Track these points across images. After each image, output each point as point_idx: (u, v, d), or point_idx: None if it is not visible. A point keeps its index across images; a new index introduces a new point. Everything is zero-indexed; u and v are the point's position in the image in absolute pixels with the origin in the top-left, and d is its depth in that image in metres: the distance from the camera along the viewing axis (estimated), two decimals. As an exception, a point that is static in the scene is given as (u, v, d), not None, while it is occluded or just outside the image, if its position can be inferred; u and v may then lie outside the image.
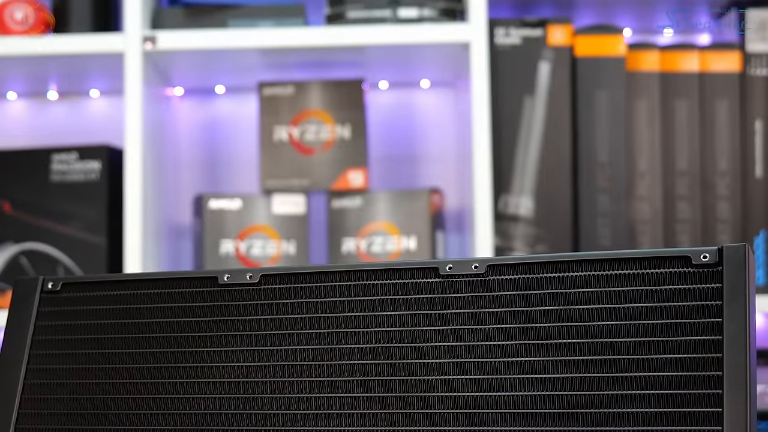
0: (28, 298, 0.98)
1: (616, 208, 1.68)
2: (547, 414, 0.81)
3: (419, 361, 0.86)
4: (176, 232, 1.91)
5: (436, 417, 0.84)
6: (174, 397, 0.91)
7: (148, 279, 0.96)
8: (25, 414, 0.94)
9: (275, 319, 0.90)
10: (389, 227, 1.76)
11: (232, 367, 0.90)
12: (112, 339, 0.95)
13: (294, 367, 0.89)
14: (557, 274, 0.84)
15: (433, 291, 0.87)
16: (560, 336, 0.83)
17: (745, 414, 0.77)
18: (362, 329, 0.88)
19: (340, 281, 0.90)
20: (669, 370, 0.79)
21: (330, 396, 0.87)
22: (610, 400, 0.80)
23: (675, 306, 0.81)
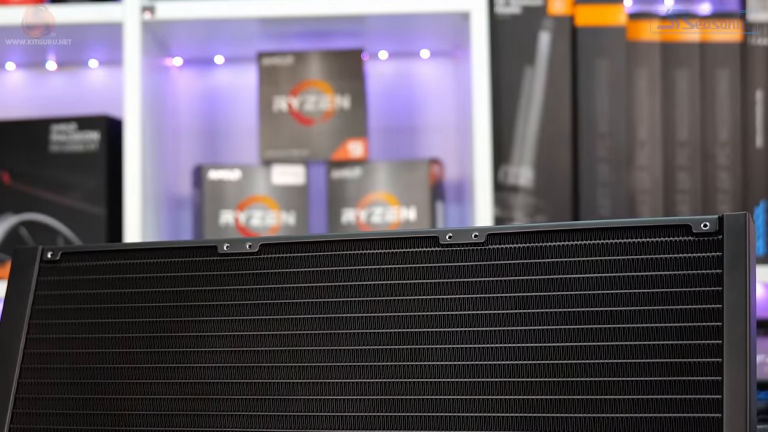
0: (27, 268, 0.98)
1: (616, 178, 1.67)
2: (546, 382, 0.81)
3: (418, 330, 0.86)
4: (176, 203, 1.91)
5: (435, 386, 0.84)
6: (173, 366, 0.91)
7: (148, 248, 0.96)
8: (24, 383, 0.94)
9: (274, 288, 0.90)
10: (389, 198, 1.76)
11: (231, 336, 0.90)
12: (112, 308, 0.94)
13: (293, 336, 0.89)
14: (557, 243, 0.84)
15: (432, 260, 0.87)
16: (560, 305, 0.83)
17: (745, 383, 0.77)
18: (361, 298, 0.88)
19: (340, 250, 0.90)
20: (669, 338, 0.79)
21: (329, 365, 0.87)
22: (610, 369, 0.80)
23: (675, 275, 0.81)
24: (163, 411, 0.90)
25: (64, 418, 0.92)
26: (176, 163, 1.92)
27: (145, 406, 0.90)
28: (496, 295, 0.85)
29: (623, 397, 0.79)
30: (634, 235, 0.83)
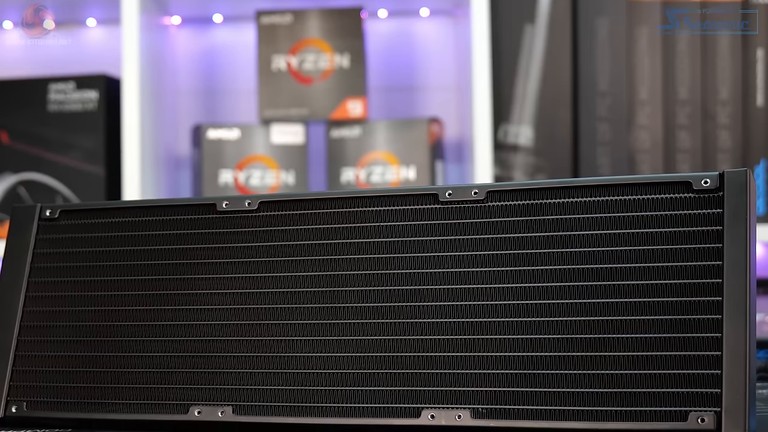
0: (25, 226, 0.98)
1: (616, 137, 1.67)
2: (546, 339, 0.81)
3: (418, 288, 0.85)
4: (175, 162, 1.90)
5: (434, 343, 0.84)
6: (172, 323, 0.91)
7: (146, 206, 0.96)
8: (24, 341, 0.94)
9: (273, 245, 0.90)
10: (388, 157, 1.75)
11: (230, 293, 0.90)
12: (111, 266, 0.94)
13: (292, 294, 0.88)
14: (557, 200, 0.84)
15: (432, 217, 0.87)
16: (560, 262, 0.82)
17: (745, 339, 0.76)
18: (361, 256, 0.88)
19: (339, 208, 0.90)
20: (669, 295, 0.79)
21: (328, 322, 0.87)
22: (610, 326, 0.80)
23: (675, 231, 0.80)
24: (163, 369, 0.90)
25: (63, 375, 0.92)
26: (175, 123, 1.91)
27: (144, 363, 0.90)
28: (496, 253, 0.84)
29: (623, 354, 0.79)
30: (634, 192, 0.82)
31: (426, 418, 0.82)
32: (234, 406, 0.87)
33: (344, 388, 0.85)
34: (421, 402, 0.83)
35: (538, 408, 0.80)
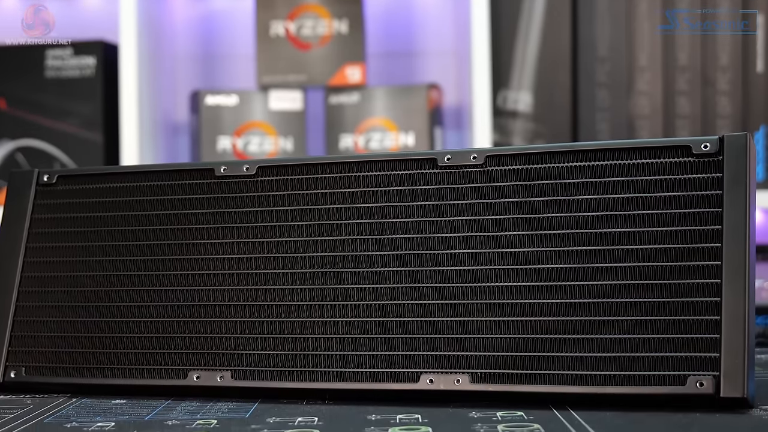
0: (23, 191, 0.98)
1: (615, 103, 1.67)
2: (545, 304, 0.81)
3: (417, 252, 0.85)
4: (173, 129, 1.90)
5: (433, 307, 0.84)
6: (170, 288, 0.91)
7: (144, 171, 0.95)
8: (22, 306, 0.94)
9: (272, 210, 0.90)
10: (387, 123, 1.75)
11: (228, 259, 0.90)
12: (109, 231, 0.94)
13: (290, 259, 0.88)
14: (556, 165, 0.84)
15: (431, 182, 0.87)
16: (559, 226, 0.82)
17: (744, 304, 0.76)
18: (359, 221, 0.87)
19: (337, 172, 0.89)
20: (668, 260, 0.79)
21: (326, 287, 0.87)
22: (609, 291, 0.80)
23: (675, 196, 0.80)
24: (161, 334, 0.90)
25: (62, 340, 0.92)
26: (173, 89, 1.91)
27: (142, 328, 0.90)
28: (495, 217, 0.84)
29: (622, 318, 0.79)
30: (634, 156, 0.82)
31: (425, 382, 0.82)
32: (233, 370, 0.87)
33: (343, 353, 0.85)
34: (420, 366, 0.83)
35: (536, 372, 0.80)
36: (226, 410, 0.81)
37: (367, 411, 0.79)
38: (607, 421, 0.73)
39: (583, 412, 0.76)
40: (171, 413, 0.81)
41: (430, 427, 0.72)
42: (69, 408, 0.84)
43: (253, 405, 0.83)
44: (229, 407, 0.83)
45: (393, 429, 0.72)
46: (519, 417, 0.75)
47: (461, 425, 0.73)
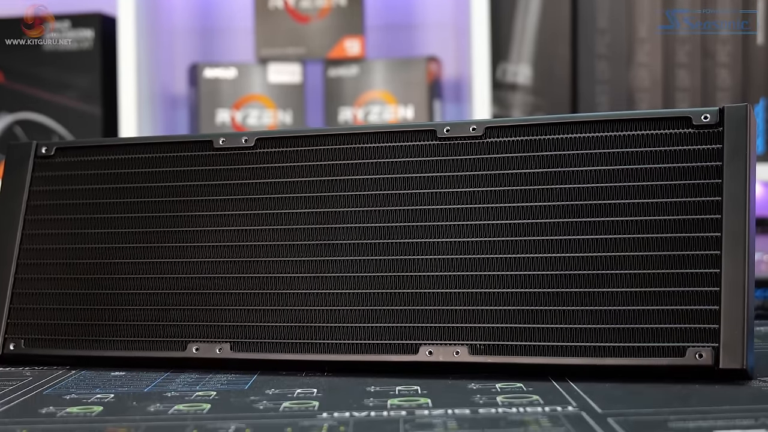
0: (21, 163, 0.98)
1: (615, 76, 1.66)
2: (545, 276, 0.81)
3: (415, 224, 0.85)
4: (171, 102, 1.89)
5: (432, 279, 0.84)
6: (169, 260, 0.91)
7: (143, 143, 0.95)
8: (21, 279, 0.94)
9: (271, 182, 0.90)
10: (386, 96, 1.74)
11: (227, 230, 0.90)
12: (107, 203, 0.94)
13: (289, 231, 0.88)
14: (556, 136, 0.84)
15: (430, 154, 0.86)
16: (559, 198, 0.82)
17: (743, 275, 0.76)
18: (358, 193, 0.87)
19: (336, 144, 0.89)
20: (667, 231, 0.79)
21: (326, 259, 0.87)
22: (609, 262, 0.80)
23: (675, 167, 0.80)
24: (160, 306, 0.90)
25: (61, 313, 0.92)
26: (171, 62, 1.90)
27: (141, 300, 0.90)
28: (494, 189, 0.84)
29: (621, 290, 0.79)
30: (634, 127, 0.82)
31: (424, 354, 0.82)
32: (232, 342, 0.87)
33: (342, 325, 0.85)
34: (419, 338, 0.83)
35: (535, 344, 0.80)
36: (225, 382, 0.81)
37: (366, 383, 0.79)
38: (606, 392, 0.73)
39: (582, 384, 0.76)
40: (170, 385, 0.81)
41: (429, 399, 0.72)
42: (68, 380, 0.84)
43: (252, 377, 0.83)
44: (228, 379, 0.83)
45: (392, 400, 0.72)
46: (518, 388, 0.75)
47: (460, 397, 0.73)
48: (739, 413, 0.65)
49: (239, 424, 0.65)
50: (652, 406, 0.68)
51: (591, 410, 0.67)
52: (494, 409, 0.68)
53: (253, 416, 0.68)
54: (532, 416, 0.66)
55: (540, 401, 0.70)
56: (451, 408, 0.69)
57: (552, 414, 0.66)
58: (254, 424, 0.65)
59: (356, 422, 0.65)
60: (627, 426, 0.62)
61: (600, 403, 0.69)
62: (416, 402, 0.71)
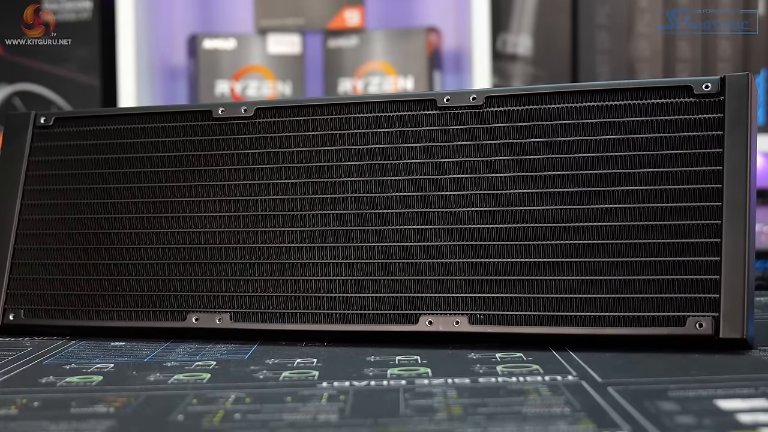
0: (20, 134, 0.97)
1: (615, 46, 1.65)
2: (545, 246, 0.81)
3: (415, 194, 0.85)
4: (170, 73, 1.89)
5: (432, 249, 0.84)
6: (169, 231, 0.90)
7: (142, 113, 0.95)
8: (21, 249, 0.94)
9: (270, 152, 0.90)
10: (386, 67, 1.74)
11: (226, 201, 0.90)
12: (106, 174, 0.94)
13: (289, 201, 0.88)
14: (556, 105, 0.83)
15: (429, 123, 0.86)
16: (559, 168, 0.82)
17: (744, 245, 0.76)
18: (358, 162, 0.87)
19: (336, 114, 0.89)
20: (668, 201, 0.79)
21: (326, 229, 0.87)
22: (609, 232, 0.80)
23: (676, 137, 0.80)
24: (160, 276, 0.90)
25: (60, 283, 0.92)
26: (170, 33, 1.89)
27: (141, 271, 0.90)
28: (495, 158, 0.84)
29: (621, 260, 0.79)
30: (634, 96, 0.82)
31: (424, 324, 0.82)
32: (231, 313, 0.87)
33: (342, 295, 0.85)
34: (419, 308, 0.83)
35: (535, 314, 0.80)
36: (225, 352, 0.81)
37: (366, 352, 0.79)
38: (606, 362, 0.73)
39: (582, 353, 0.76)
40: (170, 355, 0.81)
41: (429, 368, 0.72)
42: (68, 350, 0.84)
43: (252, 347, 0.83)
44: (228, 349, 0.83)
45: (392, 370, 0.72)
46: (518, 358, 0.75)
47: (460, 366, 0.73)
48: (739, 382, 0.65)
49: (239, 394, 0.65)
50: (652, 376, 0.68)
51: (591, 379, 0.67)
52: (494, 379, 0.68)
53: (253, 386, 0.68)
54: (531, 385, 0.66)
55: (540, 371, 0.70)
56: (451, 377, 0.69)
57: (552, 383, 0.66)
58: (254, 394, 0.65)
59: (356, 391, 0.65)
60: (627, 395, 0.62)
61: (600, 373, 0.69)
62: (416, 371, 0.71)
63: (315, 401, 0.63)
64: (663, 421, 0.55)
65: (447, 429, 0.55)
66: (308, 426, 0.57)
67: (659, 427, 0.54)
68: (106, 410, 0.62)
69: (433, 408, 0.60)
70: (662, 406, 0.59)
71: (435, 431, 0.55)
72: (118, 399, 0.65)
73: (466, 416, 0.58)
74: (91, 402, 0.64)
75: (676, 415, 0.57)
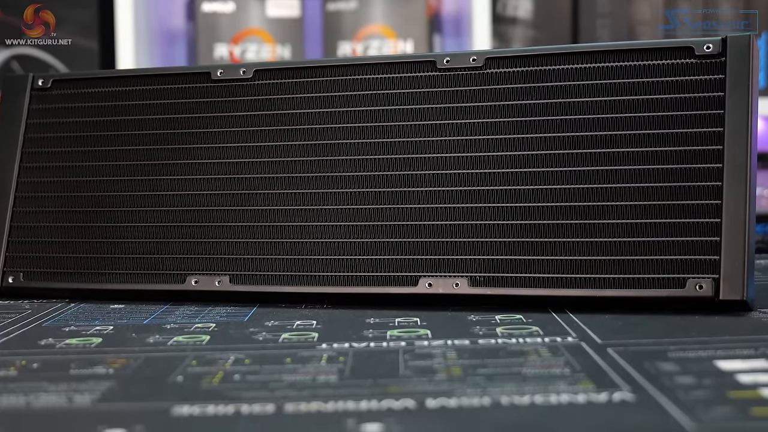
0: (18, 96, 0.97)
1: (615, 9, 1.64)
2: (544, 207, 0.81)
3: (415, 156, 0.85)
4: (169, 36, 1.88)
5: (432, 212, 0.83)
6: (168, 193, 0.90)
7: (140, 75, 0.94)
8: (19, 212, 0.94)
9: (269, 114, 0.89)
10: (385, 30, 1.73)
11: (225, 163, 0.89)
12: (104, 136, 0.93)
13: (288, 163, 0.88)
14: (557, 67, 0.83)
15: (429, 85, 0.86)
16: (559, 129, 0.81)
17: (745, 207, 0.76)
18: (357, 124, 0.87)
19: (335, 76, 0.88)
20: (668, 162, 0.78)
21: (325, 192, 0.86)
22: (609, 194, 0.79)
23: (676, 98, 0.79)
24: (159, 239, 0.89)
25: (60, 246, 0.92)
26: (169, -4, 1.88)
27: (140, 233, 0.90)
28: (494, 120, 0.83)
29: (621, 221, 0.79)
30: (635, 57, 0.81)
31: (423, 286, 0.82)
32: (231, 275, 0.87)
33: (341, 257, 0.84)
34: (419, 270, 0.83)
35: (535, 276, 0.80)
36: (224, 314, 0.81)
37: (365, 315, 0.79)
38: (606, 323, 0.73)
39: (582, 315, 0.76)
40: (169, 317, 0.81)
41: (428, 330, 0.72)
42: (67, 312, 0.84)
43: (252, 309, 0.83)
44: (227, 311, 0.83)
45: (391, 332, 0.72)
46: (518, 320, 0.75)
47: (460, 328, 0.73)
48: (739, 344, 0.65)
49: (238, 355, 0.65)
50: (651, 337, 0.68)
51: (591, 341, 0.67)
52: (494, 340, 0.68)
53: (253, 347, 0.68)
54: (531, 347, 0.66)
55: (539, 332, 0.70)
56: (451, 339, 0.69)
57: (551, 344, 0.66)
58: (253, 355, 0.65)
59: (355, 353, 0.65)
60: (626, 356, 0.62)
61: (600, 334, 0.69)
62: (416, 333, 0.71)
63: (314, 362, 0.63)
64: (663, 382, 0.55)
65: (446, 389, 0.55)
66: (308, 387, 0.57)
67: (659, 387, 0.54)
68: (105, 372, 0.62)
69: (433, 369, 0.60)
70: (662, 367, 0.59)
71: (434, 392, 0.55)
72: (117, 360, 0.65)
73: (466, 377, 0.58)
74: (91, 363, 0.64)
75: (676, 376, 0.57)
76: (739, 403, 0.51)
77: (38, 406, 0.54)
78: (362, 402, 0.53)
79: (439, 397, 0.54)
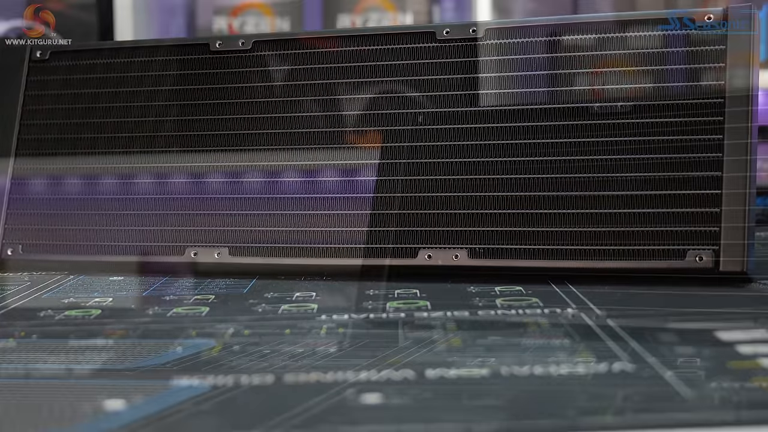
0: (15, 68, 0.96)
1: (617, -18, 1.64)
2: (545, 179, 0.80)
3: (414, 128, 0.84)
4: (168, 9, 1.87)
5: (431, 183, 0.83)
6: (166, 165, 0.90)
7: (138, 47, 0.94)
8: (18, 184, 0.94)
9: (268, 86, 0.89)
10: (385, 3, 1.72)
11: (223, 135, 0.89)
12: (103, 108, 0.93)
13: (286, 135, 0.87)
14: (558, 38, 0.82)
15: (429, 56, 0.85)
16: (560, 100, 0.81)
17: (745, 179, 0.76)
18: (357, 96, 0.86)
19: (334, 47, 0.88)
20: (669, 133, 0.78)
21: (324, 163, 0.86)
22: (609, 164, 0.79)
23: (677, 69, 0.79)
24: (157, 211, 0.89)
25: (59, 218, 0.92)
26: (167, -31, 1.87)
27: (138, 205, 0.90)
28: (494, 92, 0.83)
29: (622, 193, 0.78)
30: (637, 28, 0.81)
31: (423, 257, 0.82)
32: (230, 247, 0.87)
33: (341, 229, 0.84)
34: (419, 242, 0.82)
35: (535, 248, 0.80)
36: (223, 286, 0.81)
37: (365, 286, 0.79)
38: (606, 295, 0.73)
39: (582, 287, 0.76)
40: (168, 289, 0.81)
41: (428, 302, 0.72)
42: (67, 284, 0.84)
43: (251, 281, 0.83)
44: (227, 283, 0.83)
45: (391, 303, 0.72)
46: (517, 291, 0.75)
47: (459, 299, 0.73)
48: (739, 315, 0.65)
49: (237, 326, 0.65)
50: (651, 308, 0.68)
51: (590, 312, 0.67)
52: (493, 311, 0.68)
53: (252, 318, 0.68)
54: (531, 318, 0.66)
55: (539, 303, 0.70)
56: (450, 310, 0.69)
57: (551, 316, 0.66)
58: (253, 326, 0.65)
59: (355, 324, 0.65)
60: (626, 327, 0.62)
61: (599, 305, 0.69)
62: (415, 305, 0.71)
63: (314, 334, 0.63)
64: (662, 352, 0.55)
65: (446, 360, 0.55)
66: (307, 358, 0.57)
67: (659, 358, 0.54)
68: (104, 343, 0.62)
69: (432, 340, 0.60)
70: (662, 338, 0.59)
71: (434, 362, 0.55)
72: (116, 332, 0.65)
73: (465, 348, 0.58)
74: (90, 334, 0.64)
75: (676, 346, 0.57)
76: (738, 373, 0.51)
77: (37, 376, 0.54)
78: (362, 373, 0.53)
79: (438, 368, 0.54)
